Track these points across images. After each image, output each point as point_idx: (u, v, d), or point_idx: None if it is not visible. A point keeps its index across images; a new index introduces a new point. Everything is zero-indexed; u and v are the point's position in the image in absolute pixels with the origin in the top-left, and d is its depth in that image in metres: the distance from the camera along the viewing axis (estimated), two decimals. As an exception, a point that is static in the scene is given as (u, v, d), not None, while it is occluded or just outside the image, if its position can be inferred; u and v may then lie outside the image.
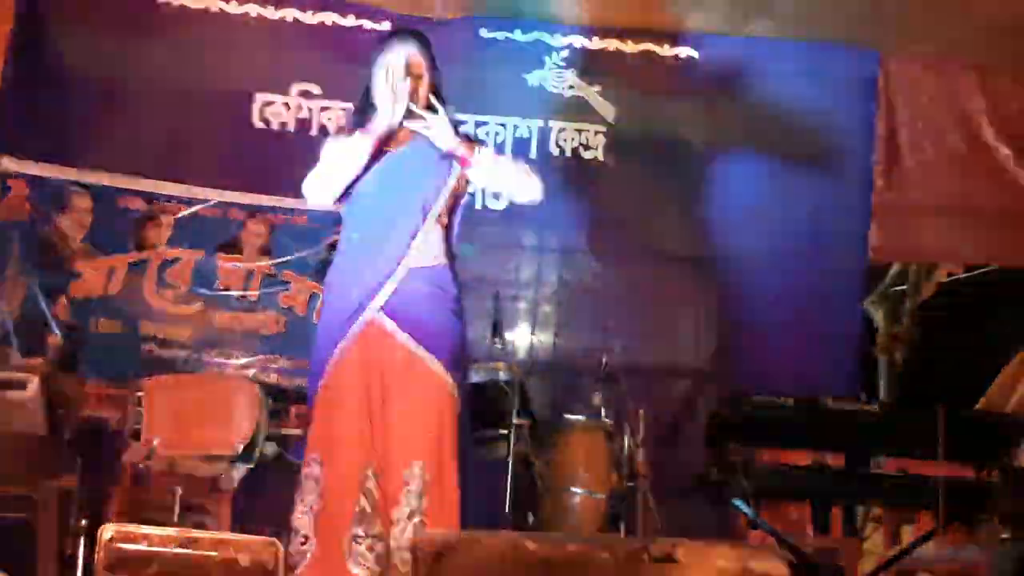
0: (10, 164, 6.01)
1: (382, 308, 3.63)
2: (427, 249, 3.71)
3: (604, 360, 5.46)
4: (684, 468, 5.46)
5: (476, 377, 5.41)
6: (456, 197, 3.83)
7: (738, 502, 4.86)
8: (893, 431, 5.15)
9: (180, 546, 2.74)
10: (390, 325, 3.64)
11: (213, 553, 2.73)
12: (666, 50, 6.36)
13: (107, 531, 2.75)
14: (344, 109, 6.27)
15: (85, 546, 4.93)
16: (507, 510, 5.09)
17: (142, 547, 2.73)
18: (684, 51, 6.36)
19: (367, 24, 6.30)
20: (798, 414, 5.08)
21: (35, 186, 6.05)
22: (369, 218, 3.71)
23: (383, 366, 3.62)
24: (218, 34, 6.23)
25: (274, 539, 2.75)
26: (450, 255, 3.80)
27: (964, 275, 6.22)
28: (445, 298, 3.72)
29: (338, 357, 3.64)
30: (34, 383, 5.23)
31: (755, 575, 2.60)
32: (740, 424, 5.06)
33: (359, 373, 3.62)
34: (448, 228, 3.81)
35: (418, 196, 3.72)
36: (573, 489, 5.28)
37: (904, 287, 6.28)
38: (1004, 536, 4.72)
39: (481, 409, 5.33)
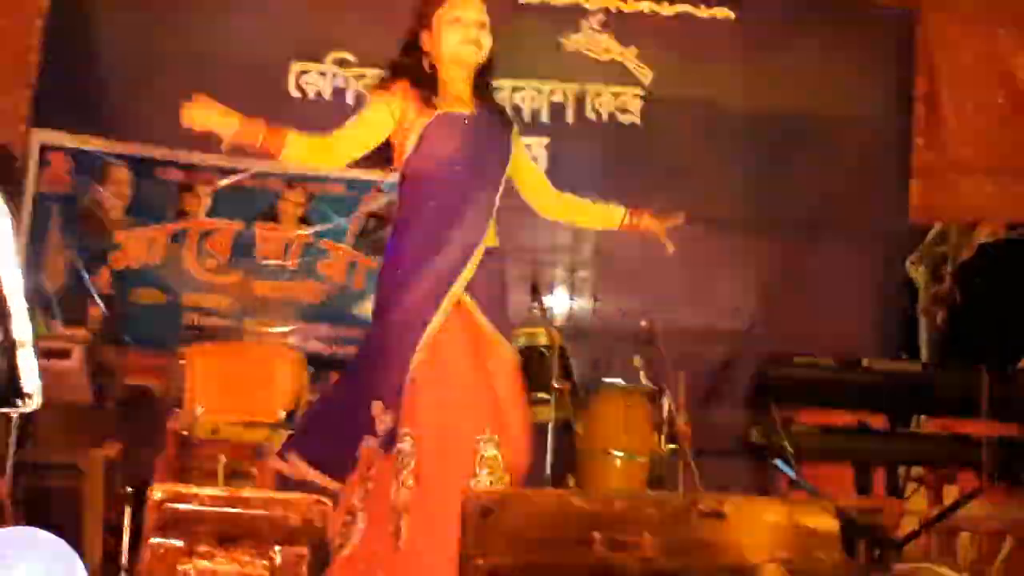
0: (49, 137, 6.06)
1: (466, 289, 3.52)
2: (493, 228, 3.62)
3: (643, 323, 5.45)
4: (725, 430, 5.47)
5: (516, 343, 5.42)
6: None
7: (779, 463, 4.86)
8: (935, 391, 5.15)
9: (229, 505, 2.76)
10: (472, 306, 3.53)
11: (262, 512, 2.75)
12: (703, 11, 6.32)
13: (157, 492, 2.77)
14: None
15: (131, 513, 4.99)
16: (547, 473, 5.10)
17: (192, 507, 2.75)
18: (721, 12, 6.32)
19: (401, -9, 6.27)
20: (839, 375, 5.09)
21: (74, 159, 6.09)
22: (444, 187, 3.53)
23: (472, 344, 3.52)
24: (254, 3, 6.23)
25: (322, 497, 2.76)
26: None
27: (1006, 234, 6.16)
28: (502, 280, 3.68)
29: (430, 332, 3.47)
30: (77, 352, 5.28)
31: (804, 530, 2.60)
32: (781, 385, 5.07)
33: (457, 348, 3.49)
34: None
35: (491, 169, 3.60)
36: (613, 452, 5.28)
37: (945, 247, 6.22)
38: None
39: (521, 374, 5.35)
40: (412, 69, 3.59)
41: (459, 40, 3.56)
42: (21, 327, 2.34)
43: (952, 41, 6.20)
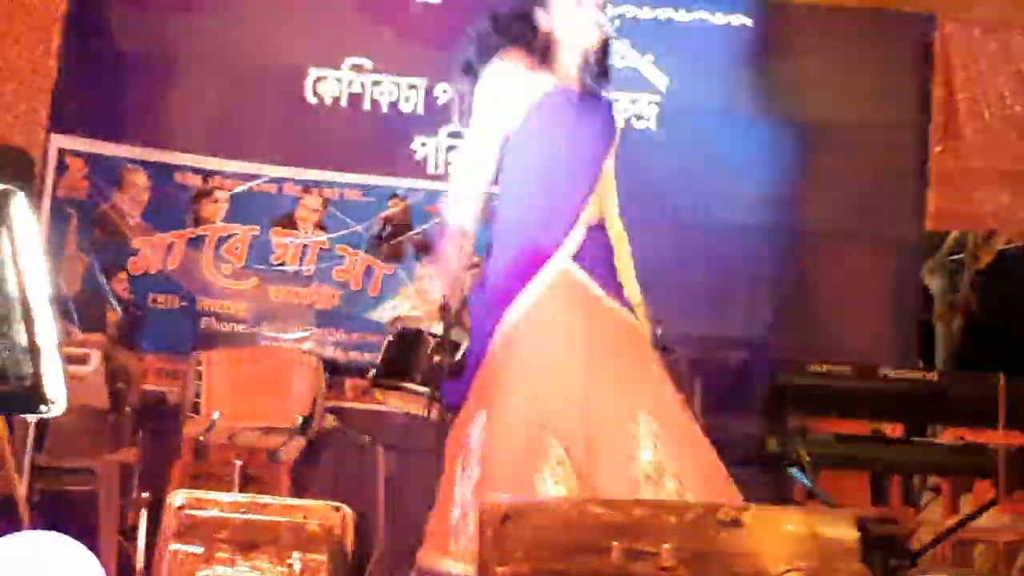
0: (67, 142, 6.09)
1: (573, 257, 3.39)
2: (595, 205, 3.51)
3: (658, 331, 5.43)
4: (740, 438, 5.44)
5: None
6: None
7: (795, 471, 4.84)
8: (952, 400, 5.13)
9: (249, 512, 2.77)
10: (582, 275, 3.39)
11: (282, 519, 2.75)
12: (719, 18, 6.32)
13: (177, 497, 2.78)
14: (395, 83, 6.28)
15: (147, 518, 5.01)
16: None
17: (212, 513, 2.76)
18: (737, 19, 6.32)
19: (418, -1, 6.31)
20: (855, 383, 5.07)
21: (92, 164, 6.12)
22: (549, 162, 3.45)
23: (577, 318, 3.33)
24: (270, 9, 6.25)
25: (341, 504, 2.77)
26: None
27: (1022, 242, 6.15)
28: (610, 255, 3.54)
29: (524, 309, 3.33)
30: (95, 358, 5.30)
31: (824, 540, 2.59)
32: (797, 393, 5.05)
33: (553, 325, 3.31)
34: None
35: (596, 149, 3.55)
36: (629, 459, 5.26)
37: (962, 255, 6.21)
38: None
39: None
40: (526, 41, 3.51)
41: (581, 23, 3.52)
42: (46, 332, 2.35)
43: (969, 48, 6.19)
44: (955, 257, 6.23)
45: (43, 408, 2.40)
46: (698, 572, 2.56)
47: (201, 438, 5.40)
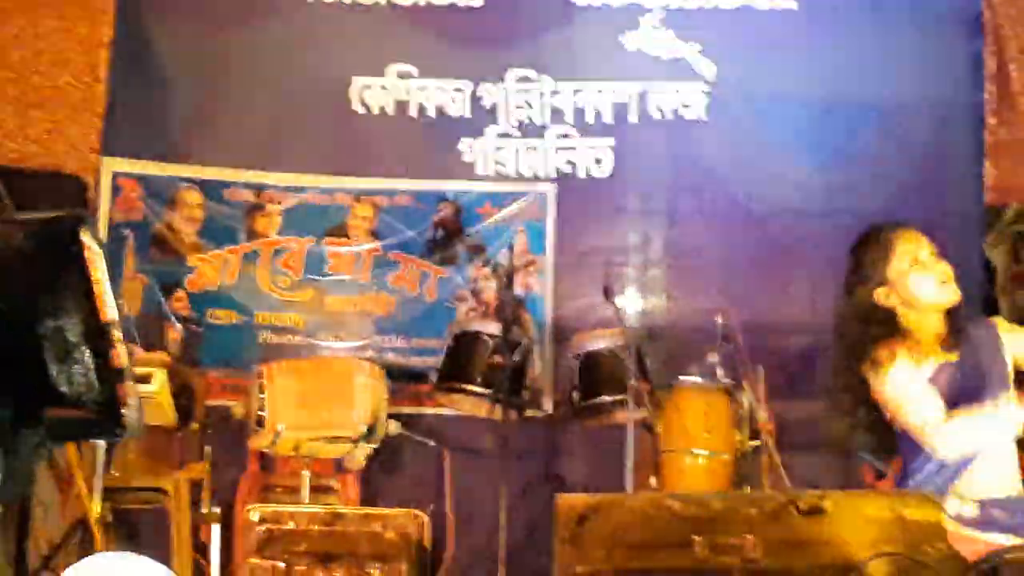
0: (120, 165, 6.15)
1: None
2: None
3: (720, 320, 5.40)
4: (807, 424, 5.39)
5: (592, 345, 5.41)
6: None
7: (866, 455, 4.78)
8: (1020, 373, 5.04)
9: (326, 523, 2.76)
10: None
11: (359, 529, 2.74)
12: (763, 3, 6.26)
13: (254, 512, 2.78)
14: (440, 87, 6.28)
15: (219, 533, 5.05)
16: (629, 474, 5.08)
17: (289, 527, 2.75)
18: (782, 2, 6.26)
19: (460, 2, 6.30)
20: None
21: (145, 185, 6.18)
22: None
23: None
24: (313, 22, 6.28)
25: (418, 511, 2.75)
26: None
27: (1083, 209, 6.05)
28: None
29: None
30: (159, 376, 5.33)
31: (910, 523, 2.55)
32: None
33: None
34: None
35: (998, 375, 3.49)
36: (695, 451, 5.23)
37: (1022, 226, 6.11)
38: None
39: (598, 376, 5.34)
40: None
41: (935, 284, 3.50)
42: (120, 356, 2.36)
43: (1019, 16, 6.10)
44: (1016, 228, 6.12)
45: (119, 432, 2.40)
46: (782, 563, 2.54)
47: (267, 450, 5.43)
